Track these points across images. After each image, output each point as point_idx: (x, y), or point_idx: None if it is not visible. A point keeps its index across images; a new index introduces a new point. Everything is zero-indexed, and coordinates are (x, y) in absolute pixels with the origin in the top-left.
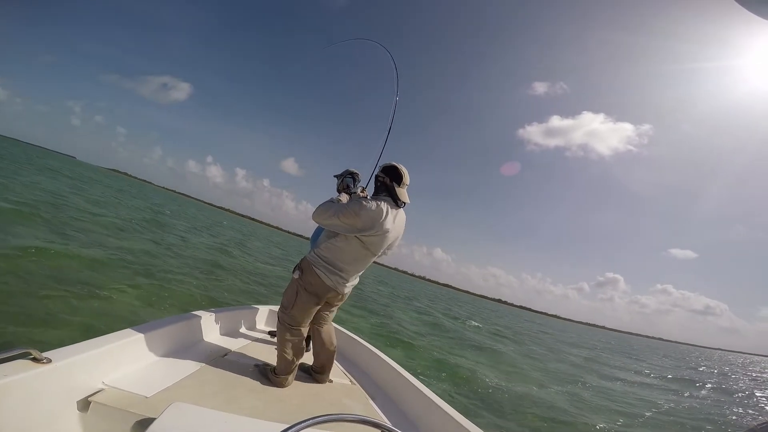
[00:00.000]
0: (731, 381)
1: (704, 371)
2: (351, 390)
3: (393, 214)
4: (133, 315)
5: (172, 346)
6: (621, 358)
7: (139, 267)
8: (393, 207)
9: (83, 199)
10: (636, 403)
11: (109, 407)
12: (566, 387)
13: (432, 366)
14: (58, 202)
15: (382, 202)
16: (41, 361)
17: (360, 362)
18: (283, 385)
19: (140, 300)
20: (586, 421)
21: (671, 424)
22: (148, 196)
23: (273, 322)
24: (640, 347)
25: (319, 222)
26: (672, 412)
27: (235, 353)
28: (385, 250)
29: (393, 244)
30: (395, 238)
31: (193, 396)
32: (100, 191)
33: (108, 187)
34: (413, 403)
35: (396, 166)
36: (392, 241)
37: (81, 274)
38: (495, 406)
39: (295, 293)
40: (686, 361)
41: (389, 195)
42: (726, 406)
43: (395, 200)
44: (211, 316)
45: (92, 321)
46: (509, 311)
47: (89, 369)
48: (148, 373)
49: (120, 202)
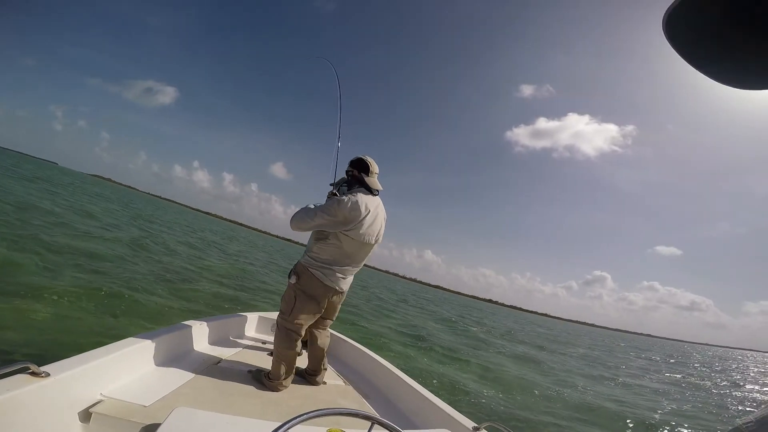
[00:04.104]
0: (719, 376)
1: (699, 367)
2: (345, 390)
3: (370, 201)
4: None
5: (166, 356)
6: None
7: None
8: (367, 195)
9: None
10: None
11: (111, 417)
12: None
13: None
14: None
15: (357, 193)
16: (40, 375)
17: (353, 364)
18: (279, 389)
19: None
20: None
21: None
22: (127, 201)
23: (263, 328)
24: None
25: (300, 227)
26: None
27: (228, 360)
28: (376, 237)
29: (380, 232)
30: (379, 223)
31: (192, 403)
32: (74, 197)
33: (84, 192)
34: (407, 400)
35: (362, 158)
36: (378, 228)
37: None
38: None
39: (294, 298)
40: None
41: (361, 186)
42: (712, 402)
43: (369, 189)
44: (201, 325)
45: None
46: (518, 314)
47: (87, 381)
48: (144, 383)
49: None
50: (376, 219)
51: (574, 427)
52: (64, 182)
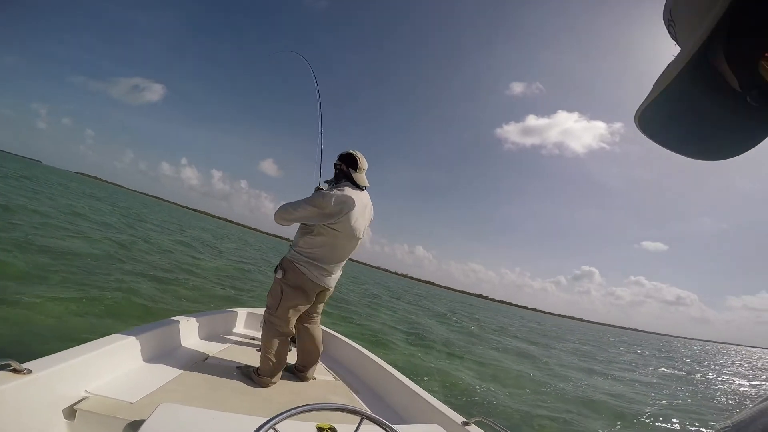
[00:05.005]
0: (705, 370)
1: (686, 361)
2: (335, 385)
3: (356, 195)
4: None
5: (152, 352)
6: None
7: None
8: (354, 189)
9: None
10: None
11: (96, 414)
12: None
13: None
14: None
15: (343, 187)
16: (22, 372)
17: (343, 359)
18: (268, 385)
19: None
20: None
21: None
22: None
23: (252, 324)
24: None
25: (283, 218)
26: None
27: (215, 357)
28: (363, 232)
29: (366, 227)
30: (366, 218)
31: (179, 399)
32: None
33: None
34: (397, 395)
35: (351, 153)
36: (365, 223)
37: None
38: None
39: (280, 293)
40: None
41: (348, 181)
42: (699, 396)
43: (355, 185)
44: (189, 321)
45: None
46: (508, 309)
47: (71, 378)
48: (130, 380)
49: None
50: (363, 213)
51: (567, 420)
52: (50, 180)
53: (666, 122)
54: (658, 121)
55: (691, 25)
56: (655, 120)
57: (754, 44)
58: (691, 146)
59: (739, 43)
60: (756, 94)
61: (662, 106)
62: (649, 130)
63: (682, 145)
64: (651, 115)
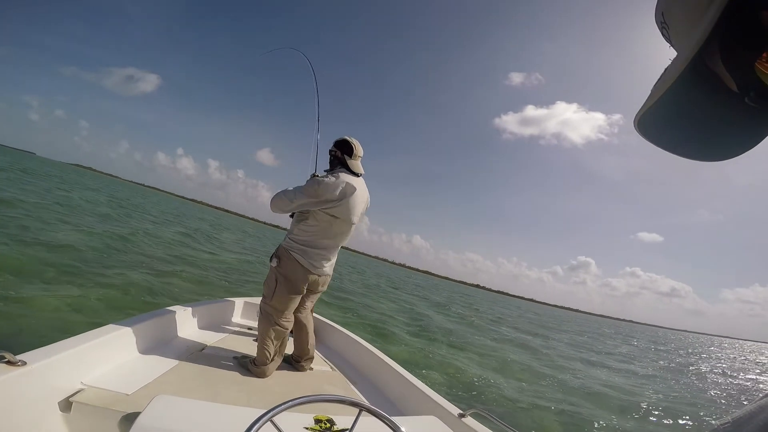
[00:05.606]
0: (701, 363)
1: (682, 353)
2: (332, 376)
3: (352, 180)
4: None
5: (148, 343)
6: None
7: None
8: (349, 175)
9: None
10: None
11: (92, 406)
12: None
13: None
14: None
15: (338, 173)
16: (16, 363)
17: (340, 349)
18: (265, 376)
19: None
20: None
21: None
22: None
23: (249, 314)
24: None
25: (280, 208)
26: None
27: (212, 347)
28: (358, 217)
29: (362, 213)
30: (362, 204)
31: (176, 391)
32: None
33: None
34: (394, 386)
35: (347, 139)
36: (361, 209)
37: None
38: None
39: (275, 282)
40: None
41: (343, 167)
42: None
43: (351, 171)
44: (185, 311)
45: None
46: (505, 300)
47: (66, 370)
48: (126, 371)
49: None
50: (359, 199)
51: (563, 411)
52: (45, 173)
53: (666, 126)
54: (659, 125)
55: (686, 29)
56: (656, 124)
57: (750, 46)
58: (692, 148)
59: (736, 46)
60: (754, 95)
61: (662, 110)
62: (650, 134)
63: (683, 147)
64: (651, 119)
